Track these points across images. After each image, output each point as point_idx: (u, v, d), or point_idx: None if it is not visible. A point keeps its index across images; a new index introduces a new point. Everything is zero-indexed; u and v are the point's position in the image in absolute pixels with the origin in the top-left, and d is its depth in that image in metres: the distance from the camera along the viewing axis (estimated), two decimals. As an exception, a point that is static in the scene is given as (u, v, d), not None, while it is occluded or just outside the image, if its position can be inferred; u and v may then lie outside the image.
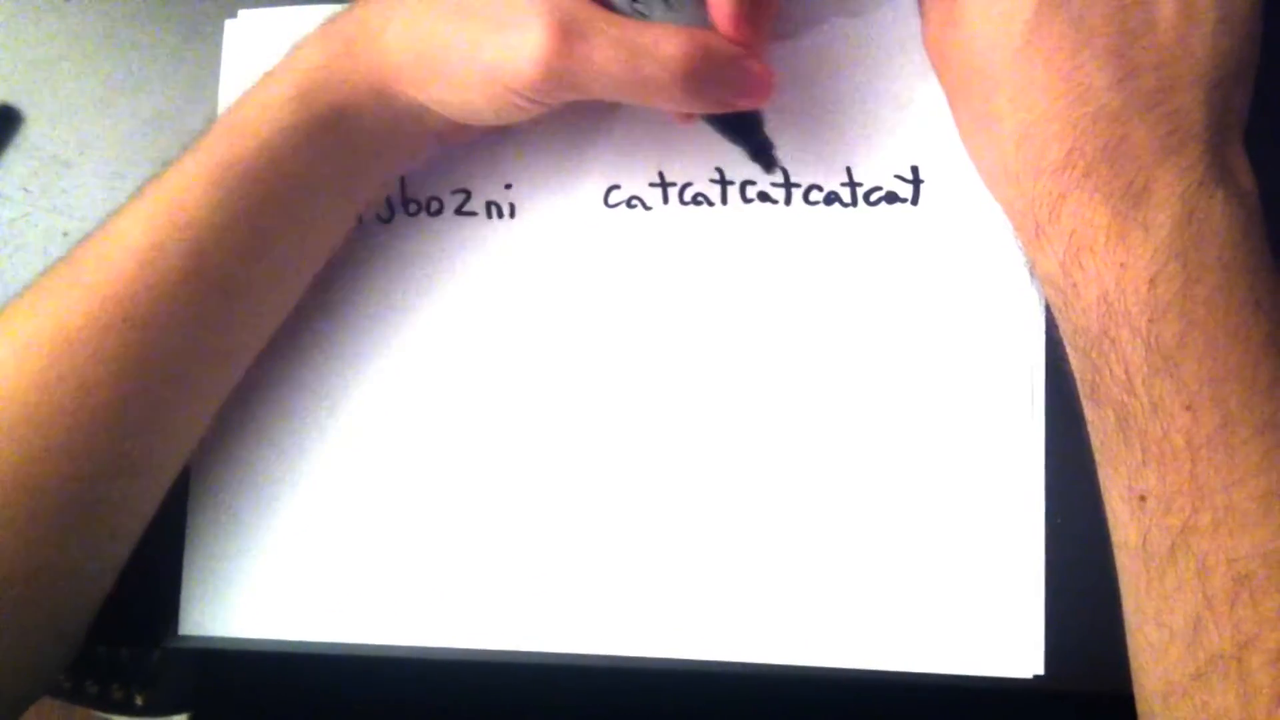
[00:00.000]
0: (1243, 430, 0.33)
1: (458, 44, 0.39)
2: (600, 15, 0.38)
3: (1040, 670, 0.41)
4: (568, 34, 0.37)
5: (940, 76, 0.41)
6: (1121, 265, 0.34)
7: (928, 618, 0.42)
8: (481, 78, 0.39)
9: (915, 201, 0.43)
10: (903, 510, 0.42)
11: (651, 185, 0.46)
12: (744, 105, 0.40)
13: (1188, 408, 0.33)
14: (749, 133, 0.42)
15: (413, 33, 0.40)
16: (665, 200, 0.45)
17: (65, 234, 0.51)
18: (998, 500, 0.42)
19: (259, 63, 0.49)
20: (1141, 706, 0.36)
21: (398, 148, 0.45)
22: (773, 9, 0.41)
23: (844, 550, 0.42)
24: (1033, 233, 0.37)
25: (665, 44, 0.38)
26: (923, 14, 0.41)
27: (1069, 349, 0.37)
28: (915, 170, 0.43)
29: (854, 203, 0.44)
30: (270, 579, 0.47)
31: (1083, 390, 0.37)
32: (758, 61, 0.39)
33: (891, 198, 0.44)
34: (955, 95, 0.40)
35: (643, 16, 0.39)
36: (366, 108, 0.42)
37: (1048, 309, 0.41)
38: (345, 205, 0.45)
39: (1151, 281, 0.34)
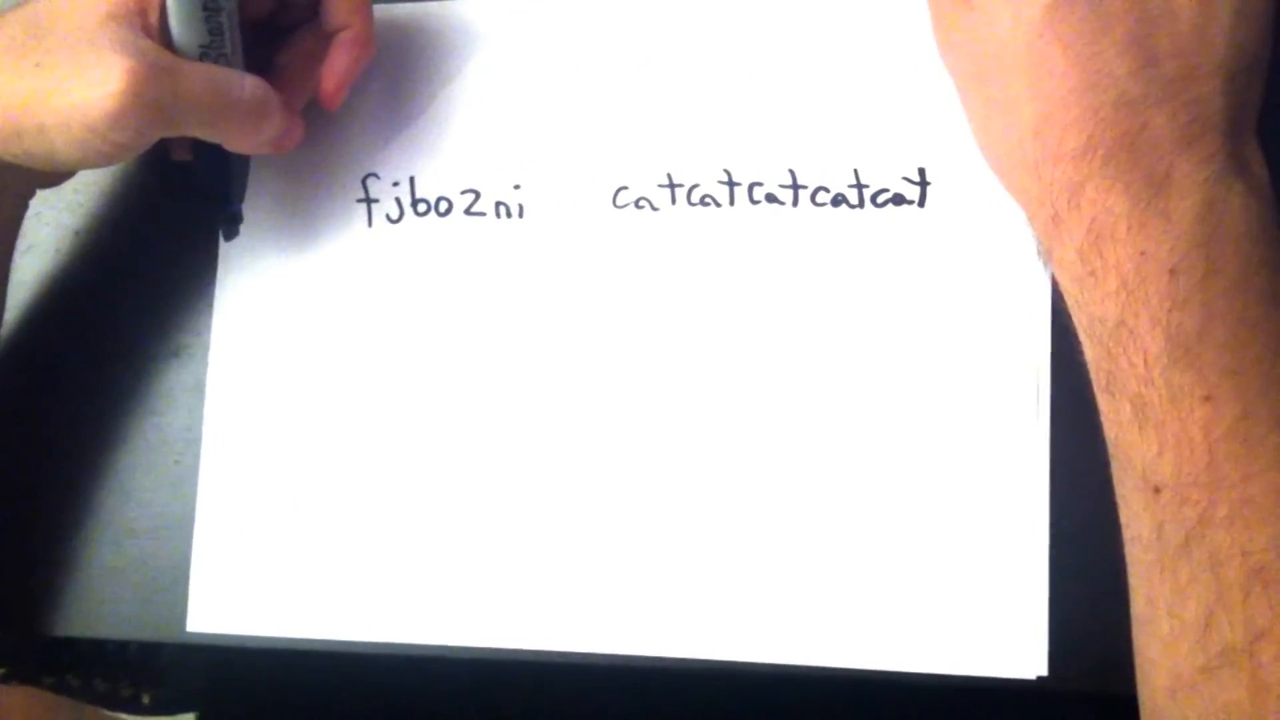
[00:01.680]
0: (1261, 423, 0.33)
1: (38, 95, 0.40)
2: (180, 59, 0.42)
3: (1044, 671, 0.41)
4: (154, 68, 0.40)
5: (950, 65, 0.41)
6: (1142, 253, 0.34)
7: (932, 618, 0.42)
8: (63, 121, 0.40)
9: (922, 203, 0.44)
10: (908, 511, 0.42)
11: (660, 186, 0.46)
12: (283, 146, 0.46)
13: (1207, 399, 0.33)
14: (227, 200, 0.47)
15: None
16: (673, 201, 0.46)
17: (76, 233, 0.51)
18: (1002, 501, 0.42)
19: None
20: (1145, 703, 0.36)
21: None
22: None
23: (849, 550, 0.43)
24: (1050, 221, 0.37)
25: (244, 77, 0.43)
26: (932, 6, 0.41)
27: (1084, 339, 0.37)
28: (922, 172, 0.44)
29: (861, 204, 0.44)
30: (278, 577, 0.47)
31: (1097, 381, 0.37)
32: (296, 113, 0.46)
33: (898, 199, 0.44)
34: (967, 83, 0.40)
35: None
36: None
37: (1054, 312, 0.42)
38: None
39: (1173, 271, 0.34)
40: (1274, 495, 0.32)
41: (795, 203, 0.45)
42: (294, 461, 0.48)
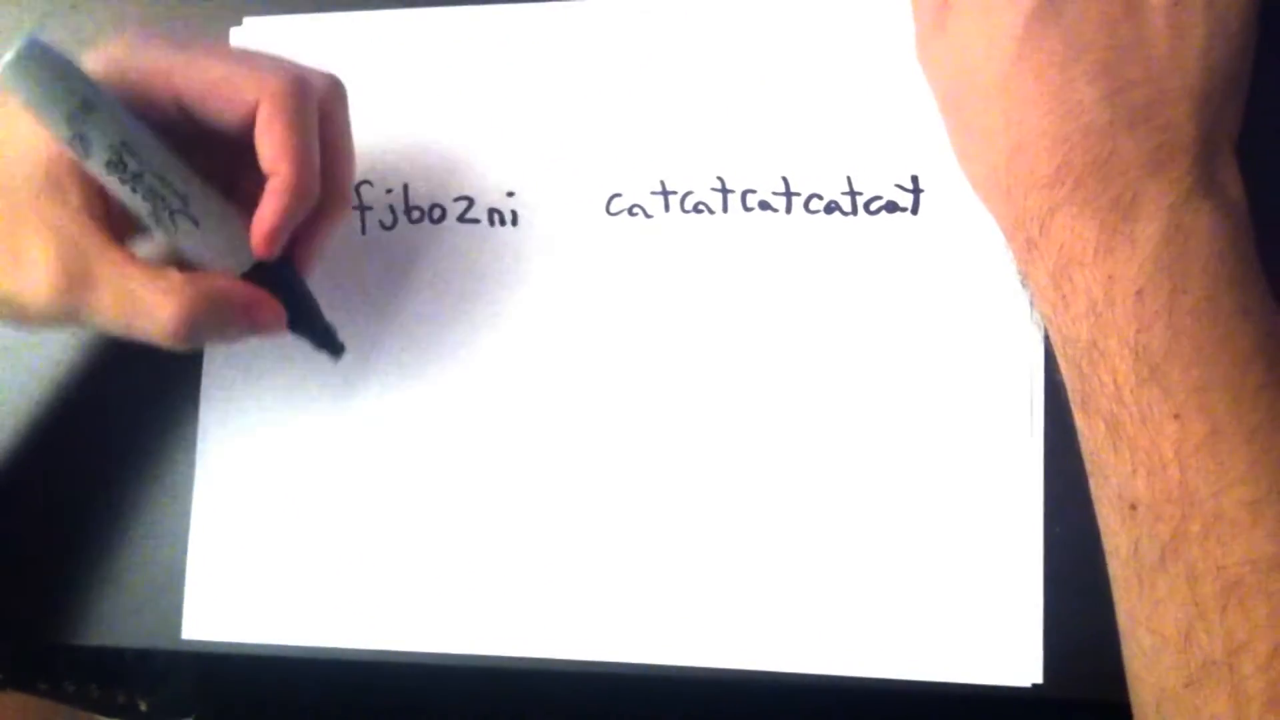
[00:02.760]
0: (1230, 438, 0.33)
1: None
2: (110, 262, 0.38)
3: (1039, 679, 0.41)
4: (72, 281, 0.38)
5: (932, 88, 0.41)
6: (1110, 277, 0.35)
7: (926, 626, 0.42)
8: None
9: (915, 211, 0.44)
10: (901, 518, 0.42)
11: (653, 193, 0.46)
12: (256, 337, 0.41)
13: (1175, 416, 0.33)
14: (309, 328, 0.43)
15: None
16: (666, 208, 0.46)
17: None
18: (996, 509, 0.42)
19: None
20: (1137, 715, 0.36)
21: None
22: (318, 229, 0.42)
23: (843, 558, 0.42)
24: (1024, 245, 0.37)
25: (164, 304, 0.38)
26: (915, 25, 0.41)
27: (1060, 359, 0.38)
28: (915, 180, 0.44)
29: (854, 212, 0.44)
30: (273, 584, 0.47)
31: (1073, 400, 0.37)
32: (264, 298, 0.40)
33: (891, 207, 0.44)
34: (947, 107, 0.41)
35: (171, 229, 0.39)
36: None
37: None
38: None
39: (1139, 293, 0.34)
40: (1246, 509, 0.33)
41: (789, 210, 0.45)
42: (289, 468, 0.48)
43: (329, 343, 0.44)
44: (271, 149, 0.38)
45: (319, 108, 0.40)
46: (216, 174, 0.40)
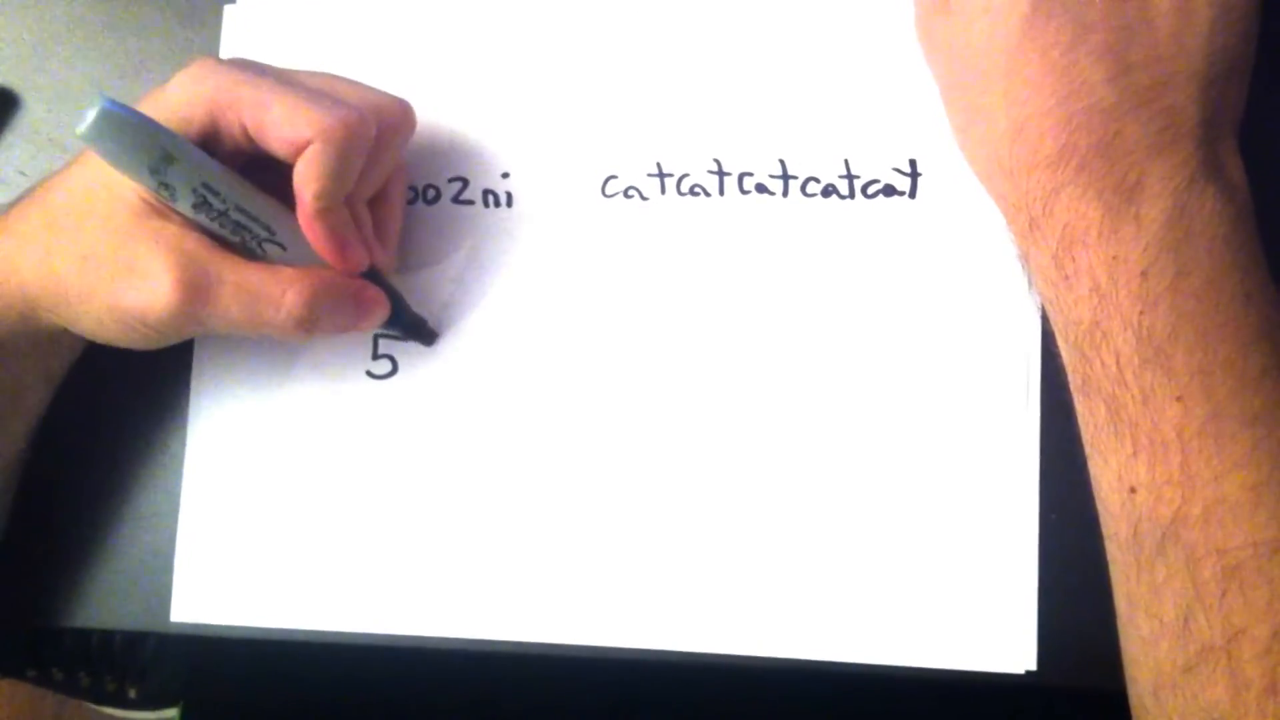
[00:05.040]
0: (1232, 421, 0.33)
1: (87, 289, 0.41)
2: (224, 262, 0.40)
3: (1033, 666, 0.41)
4: (193, 285, 0.40)
5: (932, 68, 0.41)
6: (1114, 258, 0.34)
7: (921, 613, 0.41)
8: (114, 317, 0.41)
9: (913, 194, 0.43)
10: (896, 504, 0.42)
11: (649, 175, 0.45)
12: (361, 329, 0.44)
13: (1178, 399, 0.33)
14: (395, 321, 0.45)
15: (43, 273, 0.41)
16: (663, 191, 0.45)
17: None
18: (992, 495, 0.41)
19: (257, 48, 0.49)
20: (1134, 701, 0.36)
21: (50, 352, 0.47)
22: (386, 237, 0.45)
23: (838, 545, 0.42)
24: (1026, 226, 0.37)
25: (283, 292, 0.41)
26: (915, 5, 0.41)
27: (1060, 341, 0.37)
28: (913, 163, 0.43)
29: (851, 195, 0.44)
30: (263, 566, 0.47)
31: (1073, 383, 0.37)
32: (369, 287, 0.43)
33: (889, 190, 0.43)
34: (948, 87, 0.40)
35: (261, 255, 0.41)
36: (12, 328, 0.43)
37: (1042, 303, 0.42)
38: (31, 386, 0.48)
39: (1144, 274, 0.34)
40: (1247, 493, 0.33)
41: (785, 193, 0.44)
42: (279, 450, 0.47)
43: (420, 333, 0.46)
44: (301, 176, 0.40)
45: (381, 134, 0.41)
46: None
